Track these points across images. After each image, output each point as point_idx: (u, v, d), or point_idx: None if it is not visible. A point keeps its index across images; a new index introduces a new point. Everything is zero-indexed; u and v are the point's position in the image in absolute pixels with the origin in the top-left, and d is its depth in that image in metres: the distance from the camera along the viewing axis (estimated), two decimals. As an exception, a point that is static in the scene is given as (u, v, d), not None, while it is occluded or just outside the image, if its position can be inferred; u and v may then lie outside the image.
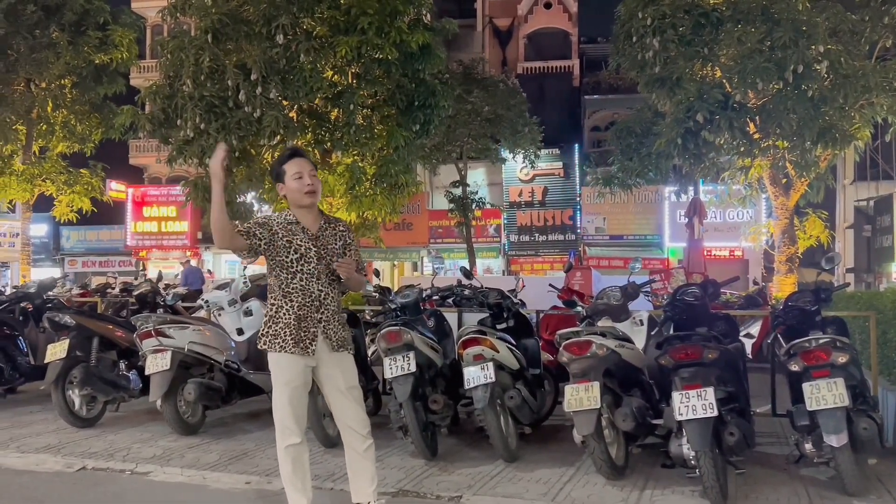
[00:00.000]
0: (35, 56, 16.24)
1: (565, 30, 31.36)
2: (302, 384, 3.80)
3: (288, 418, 3.76)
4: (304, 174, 3.80)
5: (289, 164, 3.83)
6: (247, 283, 7.06)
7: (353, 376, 3.93)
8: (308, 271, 3.78)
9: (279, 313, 3.78)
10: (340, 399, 3.86)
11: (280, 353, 3.74)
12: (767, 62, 11.37)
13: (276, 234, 3.77)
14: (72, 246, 31.06)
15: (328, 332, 3.81)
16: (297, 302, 3.76)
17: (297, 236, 3.79)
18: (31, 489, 4.85)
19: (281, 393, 3.77)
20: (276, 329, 3.77)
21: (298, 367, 3.76)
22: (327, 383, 3.88)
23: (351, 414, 3.86)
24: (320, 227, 3.88)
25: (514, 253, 29.16)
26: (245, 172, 13.19)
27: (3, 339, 7.68)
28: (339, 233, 3.93)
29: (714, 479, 4.19)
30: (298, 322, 3.75)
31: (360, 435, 3.86)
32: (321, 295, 3.81)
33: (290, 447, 3.77)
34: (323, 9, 12.28)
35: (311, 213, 3.88)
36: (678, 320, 5.31)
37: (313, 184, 3.82)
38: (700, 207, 14.76)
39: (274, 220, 3.84)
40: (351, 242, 3.97)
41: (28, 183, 17.15)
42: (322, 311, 3.81)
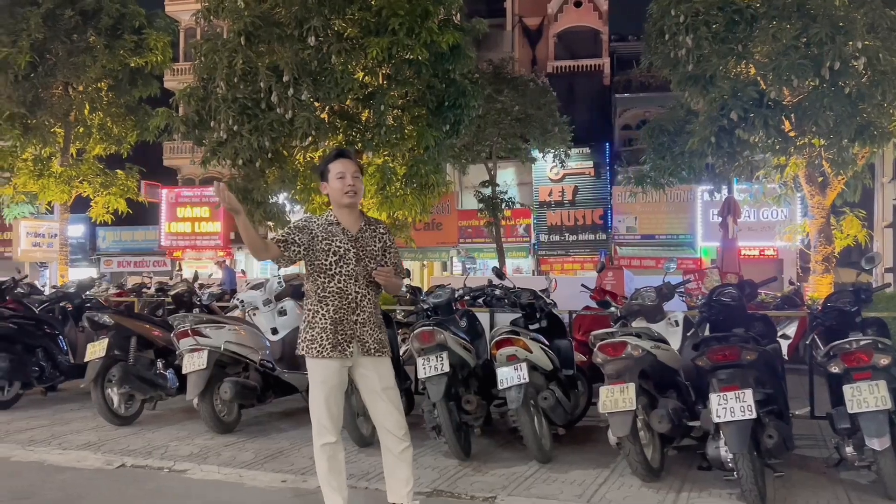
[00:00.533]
0: (73, 60, 16.56)
1: (596, 28, 31.15)
2: (338, 384, 3.82)
3: (324, 418, 3.79)
4: (347, 175, 3.81)
5: (334, 163, 3.86)
6: (281, 283, 7.12)
7: (390, 378, 3.92)
8: (346, 273, 3.78)
9: (315, 318, 3.79)
10: (376, 400, 3.87)
11: (318, 358, 3.76)
12: (803, 59, 11.19)
13: (316, 237, 3.79)
14: (107, 246, 31.59)
15: (365, 334, 3.81)
16: (333, 305, 3.76)
17: (336, 237, 3.80)
18: (73, 485, 4.94)
19: (317, 393, 3.79)
20: (313, 334, 3.77)
21: (335, 369, 3.78)
22: (363, 384, 3.89)
23: (387, 415, 3.86)
24: (360, 228, 3.88)
25: (544, 253, 29.06)
26: (277, 173, 13.32)
27: (44, 338, 7.84)
28: (380, 235, 3.93)
29: (752, 482, 4.14)
30: (335, 325, 3.75)
31: (396, 437, 3.86)
32: (358, 297, 3.80)
33: (326, 446, 3.80)
34: (354, 10, 12.36)
35: (352, 214, 3.88)
36: (714, 321, 5.24)
37: (354, 185, 3.82)
38: (734, 206, 14.57)
39: (314, 221, 3.87)
40: (391, 245, 3.96)
41: (66, 184, 17.49)
42: (359, 314, 3.80)
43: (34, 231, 22.18)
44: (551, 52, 31.44)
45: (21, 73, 15.77)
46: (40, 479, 5.06)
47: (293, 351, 6.93)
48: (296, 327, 7.02)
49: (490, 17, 24.50)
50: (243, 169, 13.16)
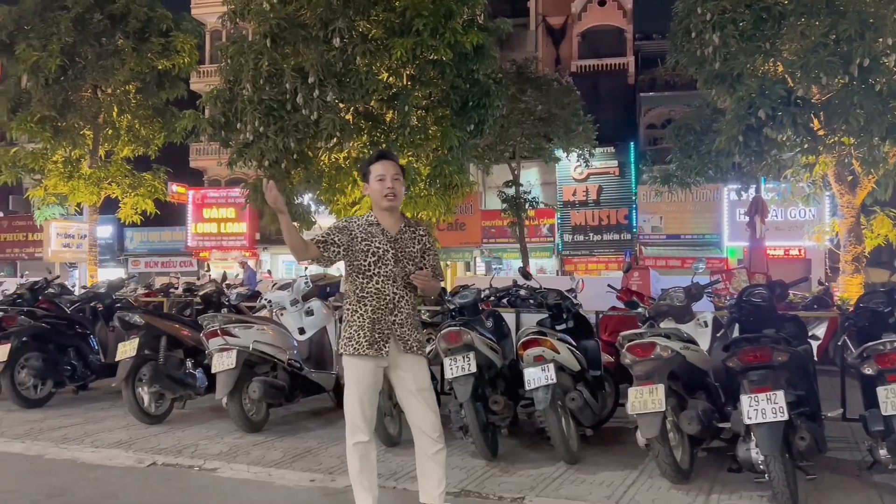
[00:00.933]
0: (101, 63, 16.81)
1: (620, 27, 30.96)
2: (373, 384, 3.84)
3: (357, 417, 3.81)
4: (387, 177, 3.86)
5: (375, 165, 3.91)
6: (308, 284, 7.16)
7: (426, 379, 3.95)
8: (384, 274, 3.82)
9: (353, 317, 3.83)
10: (411, 401, 3.89)
11: (355, 356, 3.79)
12: (832, 56, 11.06)
13: (356, 238, 3.83)
14: (135, 247, 31.97)
15: (402, 334, 3.84)
16: (371, 305, 3.80)
17: (375, 238, 3.84)
18: (106, 483, 5.01)
19: (352, 392, 3.82)
20: (351, 332, 3.82)
21: (370, 368, 3.81)
22: (399, 385, 3.92)
23: (421, 416, 3.87)
24: (400, 229, 3.92)
25: (568, 253, 28.94)
26: (302, 174, 13.39)
27: (76, 337, 7.95)
28: (419, 237, 3.98)
29: (784, 484, 4.10)
30: (372, 325, 3.79)
31: (430, 438, 3.87)
32: (396, 297, 3.83)
33: (359, 444, 3.82)
34: (378, 11, 12.40)
35: (392, 216, 3.93)
36: (744, 322, 5.20)
37: (394, 187, 3.86)
38: (762, 206, 14.42)
39: (355, 222, 3.92)
40: (430, 247, 4.01)
41: (95, 186, 17.75)
42: (396, 314, 3.83)
43: (64, 232, 22.56)
44: (575, 52, 31.30)
45: (51, 77, 16.04)
46: (73, 477, 5.14)
47: (320, 351, 7.02)
48: (322, 327, 7.08)
49: (514, 16, 24.50)
50: (269, 170, 13.24)
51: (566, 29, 31.74)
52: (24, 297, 8.53)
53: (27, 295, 8.56)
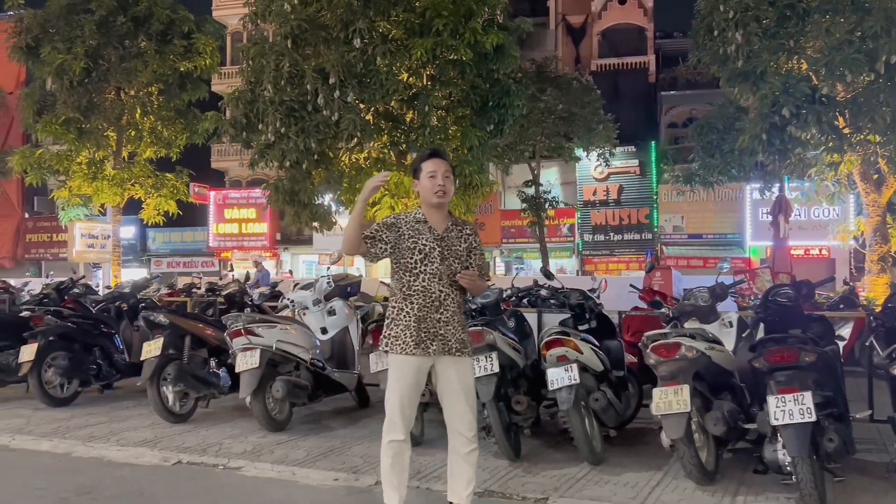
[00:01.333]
0: (125, 65, 17.00)
1: (640, 25, 30.80)
2: (414, 383, 3.83)
3: (396, 414, 3.80)
4: (438, 174, 3.84)
5: (426, 162, 3.89)
6: (330, 284, 7.18)
7: (469, 378, 3.93)
8: (431, 271, 3.80)
9: (399, 315, 3.81)
10: (453, 400, 3.86)
11: (401, 354, 3.78)
12: (857, 53, 10.93)
13: (403, 235, 3.83)
14: (157, 247, 32.29)
15: (447, 333, 3.82)
16: (417, 303, 3.78)
17: (423, 236, 3.83)
18: (132, 481, 5.05)
19: (394, 389, 3.82)
20: (397, 331, 3.80)
21: (414, 366, 3.80)
22: (441, 383, 3.89)
23: (460, 416, 3.85)
24: (447, 227, 3.90)
25: (589, 252, 28.83)
26: (323, 175, 13.46)
27: (101, 337, 8.03)
28: (466, 235, 3.95)
29: (812, 486, 4.05)
30: (418, 323, 3.77)
31: (465, 438, 3.85)
32: (442, 295, 3.81)
33: (393, 443, 3.81)
34: (398, 12, 12.44)
35: (440, 214, 3.91)
36: (770, 322, 5.14)
37: (444, 185, 3.84)
38: (786, 205, 14.28)
39: (403, 219, 3.90)
40: (476, 246, 3.97)
41: (118, 187, 17.95)
42: (442, 312, 3.81)
43: (88, 232, 22.79)
44: (595, 51, 31.18)
45: (76, 79, 16.25)
46: (100, 475, 5.19)
47: (342, 350, 7.04)
48: (345, 327, 7.10)
49: (533, 15, 24.41)
50: (290, 170, 13.34)
51: (586, 28, 31.63)
52: (50, 297, 8.64)
53: (53, 295, 8.66)
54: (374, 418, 6.87)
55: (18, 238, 31.91)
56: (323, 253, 27.43)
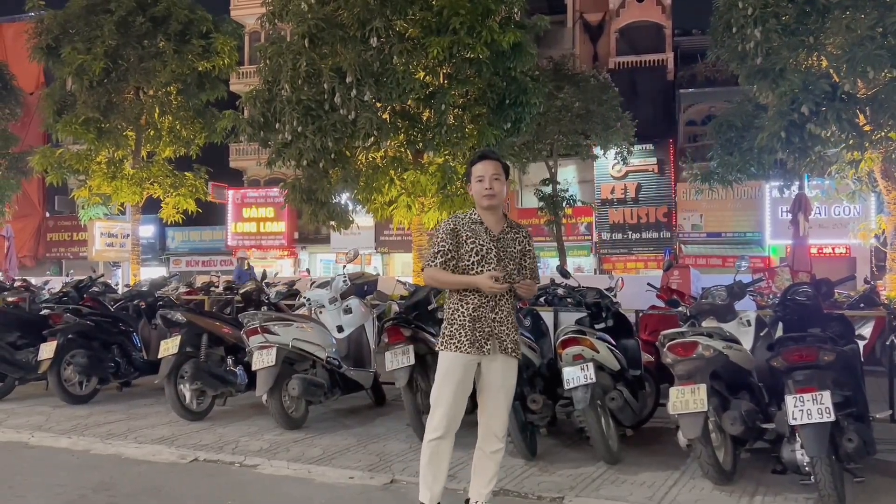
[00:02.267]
0: (144, 65, 17.11)
1: (659, 23, 30.55)
2: (463, 379, 3.84)
3: (441, 412, 3.82)
4: (486, 178, 3.88)
5: (476, 166, 3.94)
6: (346, 282, 7.20)
7: (512, 379, 3.96)
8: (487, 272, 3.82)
9: (455, 315, 3.86)
10: (492, 398, 3.90)
11: (455, 352, 3.81)
12: (879, 49, 10.79)
13: (461, 237, 3.88)
14: (176, 246, 32.51)
15: (500, 333, 3.86)
16: (472, 303, 3.83)
17: (480, 237, 3.88)
18: (150, 478, 5.09)
19: (441, 386, 3.84)
20: (452, 330, 3.85)
21: (465, 364, 3.82)
22: (485, 380, 3.91)
23: (496, 415, 3.90)
24: (503, 229, 3.95)
25: (606, 251, 28.69)
26: (340, 174, 13.48)
27: (120, 335, 8.11)
28: (520, 238, 4.00)
29: (832, 487, 4.01)
30: (473, 323, 3.81)
31: (495, 437, 3.91)
32: (497, 296, 3.84)
33: (433, 441, 3.84)
34: (415, 10, 12.42)
35: (494, 215, 3.96)
36: (789, 321, 5.09)
37: (493, 188, 3.88)
38: (805, 203, 14.13)
39: (460, 220, 3.95)
40: (530, 249, 4.03)
41: (137, 186, 18.07)
42: (497, 312, 3.86)
43: (108, 231, 22.97)
44: (613, 48, 30.98)
45: (95, 79, 16.38)
46: (118, 472, 5.24)
47: (358, 349, 7.05)
48: (361, 325, 7.11)
49: (551, 13, 24.26)
50: (307, 170, 13.36)
51: (604, 25, 31.42)
52: (69, 296, 8.71)
53: (72, 293, 8.74)
54: (390, 416, 6.88)
55: (39, 237, 32.27)
56: (340, 252, 27.51)
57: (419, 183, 13.20)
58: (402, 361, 5.75)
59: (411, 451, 5.59)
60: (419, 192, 13.47)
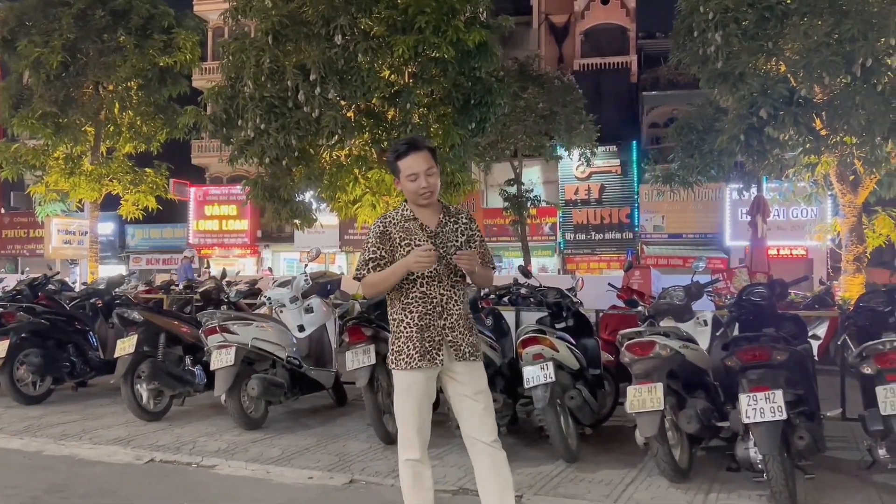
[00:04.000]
0: (103, 59, 16.80)
1: (623, 25, 30.91)
2: (425, 393, 3.47)
3: (410, 430, 3.45)
4: (420, 175, 3.42)
5: (403, 161, 3.45)
6: (308, 281, 7.15)
7: (482, 381, 3.54)
8: (428, 274, 3.42)
9: (400, 328, 3.46)
10: (467, 405, 3.49)
11: (406, 370, 3.43)
12: (835, 56, 11.01)
13: (394, 240, 3.47)
14: (136, 244, 32.00)
15: (454, 339, 3.46)
16: (417, 312, 3.42)
17: (414, 236, 3.44)
18: (104, 480, 5.01)
19: (402, 403, 3.47)
20: (399, 345, 3.45)
21: (422, 377, 3.45)
22: (453, 389, 3.52)
23: (477, 421, 3.47)
24: (440, 222, 3.50)
25: (570, 251, 28.91)
26: (304, 172, 13.39)
27: (75, 334, 7.96)
28: (462, 226, 3.54)
29: (783, 483, 4.09)
30: (421, 333, 3.42)
31: (485, 444, 3.45)
32: (444, 299, 3.44)
33: (409, 462, 3.48)
34: (380, 8, 12.37)
35: (431, 208, 3.52)
36: (744, 321, 5.19)
37: (429, 185, 3.43)
38: (763, 205, 14.38)
39: (390, 220, 3.52)
40: (475, 233, 3.58)
41: (96, 182, 17.74)
42: (446, 318, 3.44)
43: (65, 228, 22.55)
44: (578, 50, 31.26)
45: (53, 73, 16.03)
46: (73, 473, 5.15)
47: (320, 348, 7.01)
48: (322, 325, 7.07)
49: (516, 14, 24.37)
50: (270, 167, 13.25)
51: (569, 27, 31.69)
52: (23, 294, 8.53)
53: (26, 291, 8.56)
54: (351, 416, 6.86)
55: (-6, 234, 31.54)
56: (304, 251, 27.33)
57: (384, 182, 13.17)
58: (363, 361, 5.73)
59: (371, 450, 5.58)
60: (384, 191, 13.44)
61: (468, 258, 3.36)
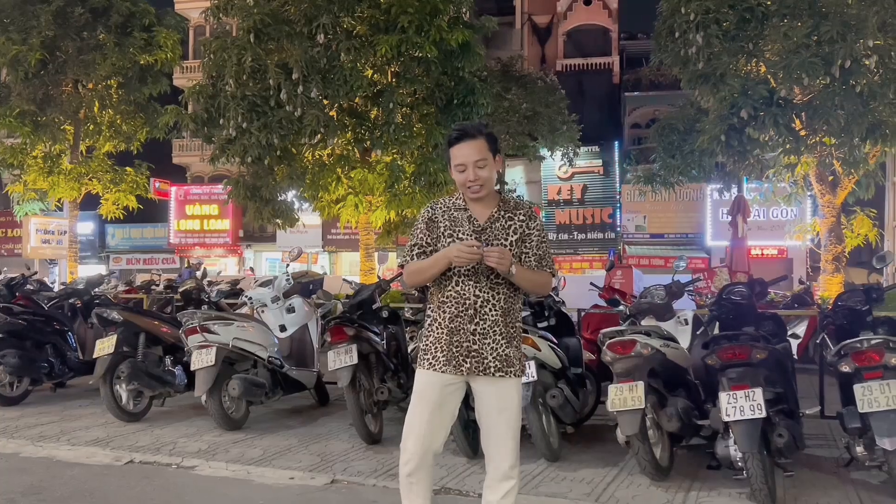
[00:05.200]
0: (83, 57, 16.64)
1: (605, 26, 31.05)
2: (439, 403, 3.15)
3: (409, 437, 3.17)
4: (469, 167, 3.13)
5: (454, 149, 3.19)
6: (289, 281, 7.12)
7: (512, 401, 3.17)
8: (465, 273, 3.10)
9: (432, 326, 3.18)
10: (492, 425, 3.16)
11: (428, 370, 3.15)
12: (814, 57, 11.12)
13: (439, 228, 3.18)
14: (117, 243, 31.70)
15: (484, 348, 3.10)
16: (450, 312, 3.12)
17: (460, 227, 3.16)
18: (82, 481, 4.95)
19: (413, 411, 3.19)
20: (427, 343, 3.19)
21: (438, 383, 3.15)
22: (479, 403, 3.21)
23: (498, 444, 3.15)
24: (491, 216, 3.19)
25: (553, 251, 28.87)
26: (286, 171, 13.35)
27: (54, 334, 7.86)
28: (518, 222, 3.20)
29: (762, 481, 4.12)
30: (450, 336, 3.11)
31: (501, 470, 3.14)
32: (478, 302, 3.09)
33: (403, 475, 3.20)
34: (363, 8, 12.38)
35: (484, 200, 3.21)
36: (724, 320, 5.22)
37: (478, 178, 3.13)
38: (744, 205, 14.50)
39: (440, 207, 3.24)
40: (531, 233, 3.21)
41: (75, 181, 17.58)
42: (478, 323, 3.10)
43: (44, 228, 22.31)
44: (560, 51, 31.36)
45: (31, 71, 15.87)
46: (50, 475, 5.08)
47: (301, 348, 6.98)
48: (304, 325, 7.04)
49: (499, 14, 24.47)
50: (252, 166, 13.20)
51: (552, 28, 31.79)
52: (0, 294, 8.42)
53: (3, 291, 8.46)
54: (333, 416, 6.84)
55: (-28, 233, 31.12)
56: (286, 250, 27.21)
57: (366, 181, 13.16)
58: (345, 360, 5.71)
59: (353, 450, 5.57)
60: (366, 191, 13.42)
61: (498, 255, 2.99)
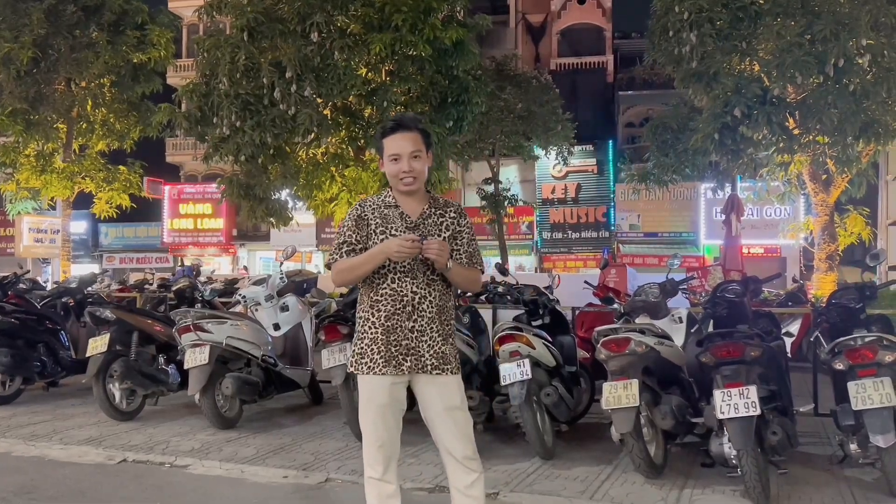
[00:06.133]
0: (75, 56, 16.56)
1: (599, 25, 31.09)
2: (389, 403, 3.10)
3: (371, 445, 3.11)
4: (403, 157, 3.07)
5: (388, 140, 3.11)
6: (283, 279, 7.10)
7: (455, 397, 3.14)
8: (401, 269, 3.06)
9: (365, 327, 3.11)
10: (437, 423, 3.13)
11: (369, 375, 3.08)
12: (807, 56, 11.15)
13: (370, 226, 3.13)
14: (110, 242, 31.59)
15: (422, 346, 3.07)
16: (385, 310, 3.07)
17: (392, 224, 3.11)
18: (75, 481, 4.92)
19: (364, 412, 3.13)
20: (362, 346, 3.10)
21: (385, 385, 3.09)
22: (423, 403, 3.18)
23: (449, 440, 3.11)
24: (423, 212, 3.15)
25: (547, 250, 29.03)
26: (280, 170, 13.32)
27: (46, 333, 7.82)
28: (449, 219, 3.19)
29: (756, 478, 4.12)
30: (387, 335, 3.06)
31: (460, 465, 3.11)
32: (415, 298, 3.06)
33: (371, 480, 3.14)
34: (356, 6, 12.35)
35: (414, 197, 3.17)
36: (718, 317, 5.23)
37: (412, 170, 3.08)
38: (737, 204, 14.54)
39: (369, 205, 3.18)
40: (462, 229, 3.21)
41: (68, 180, 17.49)
42: (416, 320, 3.06)
43: (36, 227, 22.17)
44: (554, 50, 31.38)
45: (23, 69, 15.76)
46: (42, 475, 5.06)
47: (295, 347, 6.96)
48: (298, 323, 7.02)
49: (493, 13, 24.42)
50: (245, 165, 13.17)
51: (546, 27, 31.81)
52: (-8, 293, 8.38)
53: (-5, 290, 8.41)
54: (327, 415, 6.82)
55: (-36, 232, 30.96)
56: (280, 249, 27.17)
57: (360, 180, 13.15)
58: (339, 359, 5.70)
59: (348, 449, 5.55)
60: (360, 189, 13.40)
61: (438, 248, 2.97)
